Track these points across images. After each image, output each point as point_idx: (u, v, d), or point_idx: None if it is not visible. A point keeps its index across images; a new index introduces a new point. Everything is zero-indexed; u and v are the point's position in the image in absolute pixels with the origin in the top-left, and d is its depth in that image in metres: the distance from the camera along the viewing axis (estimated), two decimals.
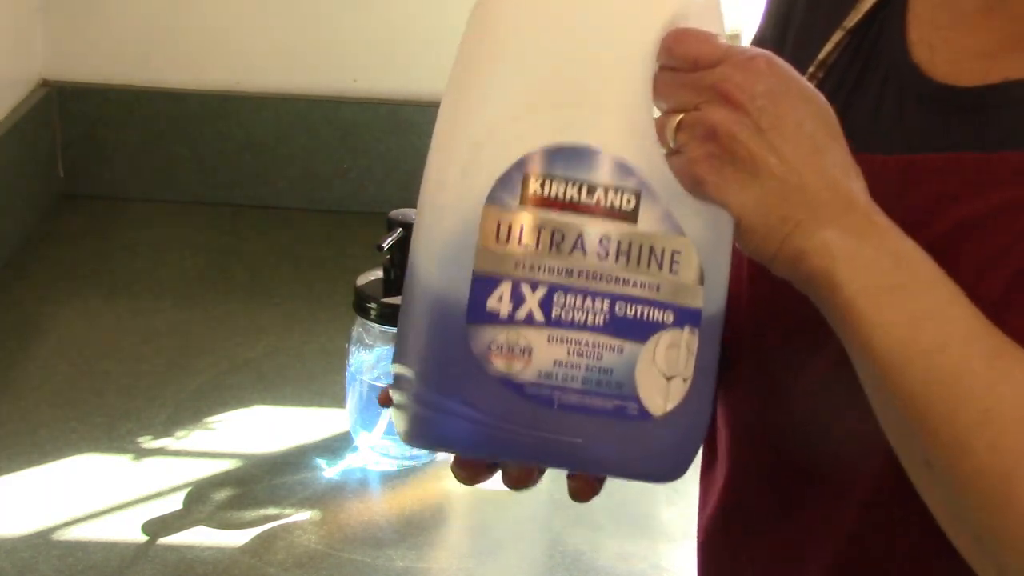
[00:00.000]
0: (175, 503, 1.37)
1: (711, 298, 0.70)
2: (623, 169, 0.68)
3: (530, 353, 0.68)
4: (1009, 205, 0.71)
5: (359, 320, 1.43)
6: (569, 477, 0.74)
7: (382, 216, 1.43)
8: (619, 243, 0.68)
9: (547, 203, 0.68)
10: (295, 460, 1.45)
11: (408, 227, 1.40)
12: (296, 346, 1.66)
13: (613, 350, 0.68)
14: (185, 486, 1.39)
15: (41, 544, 1.29)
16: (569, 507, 1.14)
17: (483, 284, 0.68)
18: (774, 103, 0.67)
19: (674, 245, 0.69)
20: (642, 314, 0.69)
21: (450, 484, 1.42)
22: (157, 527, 1.33)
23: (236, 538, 1.32)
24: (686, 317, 0.69)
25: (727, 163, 0.67)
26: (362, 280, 1.43)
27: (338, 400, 1.50)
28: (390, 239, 1.39)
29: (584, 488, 0.75)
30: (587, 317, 0.68)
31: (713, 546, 0.89)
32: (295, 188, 2.02)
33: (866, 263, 0.66)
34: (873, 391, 0.68)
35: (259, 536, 1.32)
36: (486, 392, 0.68)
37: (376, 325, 1.42)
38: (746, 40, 1.69)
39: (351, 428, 1.46)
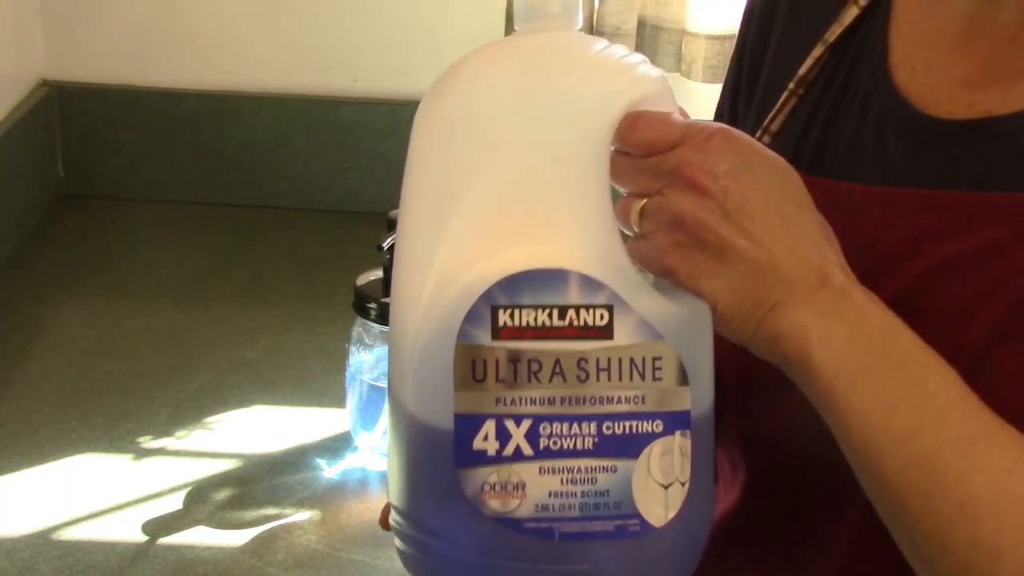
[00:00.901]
0: (175, 503, 1.37)
1: (698, 396, 0.68)
2: (591, 285, 0.66)
3: (524, 488, 0.66)
4: (994, 246, 0.70)
5: (359, 320, 1.43)
6: None
7: (382, 216, 1.43)
8: (598, 361, 0.66)
9: (519, 333, 0.66)
10: (295, 460, 1.45)
11: None
12: (296, 346, 1.66)
13: (606, 471, 0.66)
14: (185, 486, 1.39)
15: (41, 544, 1.29)
16: None
17: (467, 425, 0.66)
18: (737, 181, 0.65)
19: (654, 352, 0.66)
20: (631, 429, 0.66)
21: None
22: (157, 527, 1.33)
23: (236, 538, 1.32)
24: (676, 422, 0.67)
25: (696, 250, 0.66)
26: (362, 280, 1.43)
27: (338, 400, 1.50)
28: (390, 239, 1.39)
29: None
30: (576, 443, 0.66)
31: (708, 561, 0.89)
32: (295, 188, 2.02)
33: (842, 345, 0.65)
34: (857, 473, 0.67)
35: (259, 536, 1.32)
36: (484, 534, 0.66)
37: (376, 325, 1.42)
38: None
39: (351, 428, 1.46)
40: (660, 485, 0.67)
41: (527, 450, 0.66)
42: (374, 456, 1.45)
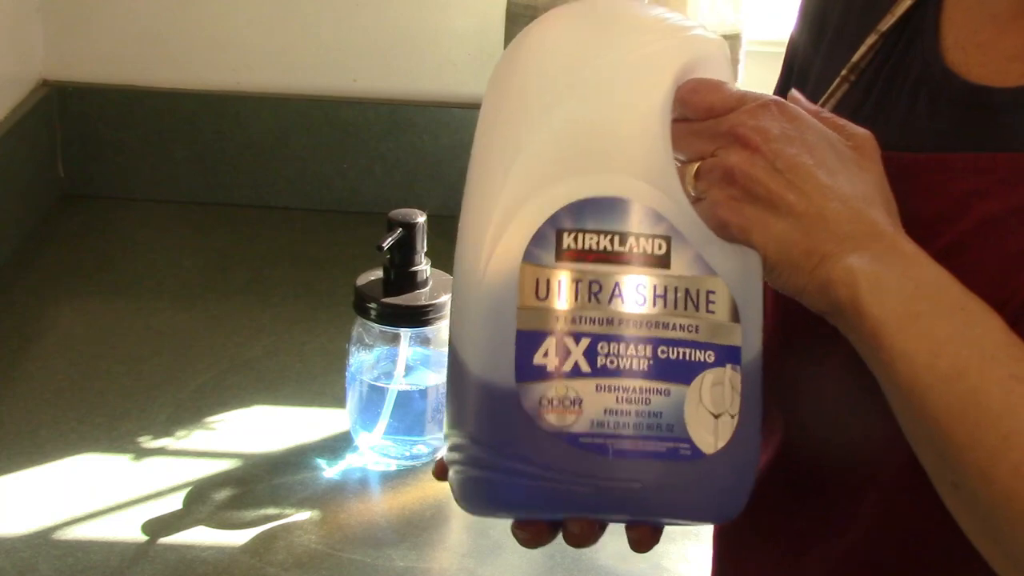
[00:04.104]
0: (175, 503, 1.37)
1: (748, 335, 0.71)
2: (652, 216, 0.70)
3: (580, 404, 0.69)
4: None
5: (359, 320, 1.43)
6: (628, 528, 0.74)
7: (382, 216, 1.43)
8: (655, 288, 0.69)
9: (582, 256, 0.69)
10: (295, 460, 1.45)
11: (408, 227, 1.40)
12: (296, 346, 1.66)
13: (660, 393, 0.69)
14: (185, 486, 1.39)
15: (41, 544, 1.29)
16: None
17: (528, 341, 0.69)
18: (788, 144, 0.68)
19: (708, 286, 0.70)
20: (684, 355, 0.69)
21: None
22: (157, 527, 1.33)
23: (236, 538, 1.32)
24: (727, 355, 0.70)
25: (747, 203, 0.69)
26: (362, 280, 1.43)
27: (338, 400, 1.50)
28: (390, 239, 1.39)
29: (644, 538, 0.74)
30: (632, 364, 0.69)
31: (728, 539, 0.90)
32: (295, 188, 2.02)
33: (890, 290, 0.67)
34: (900, 416, 0.68)
35: (259, 536, 1.32)
36: (541, 447, 0.69)
37: (376, 325, 1.42)
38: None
39: (351, 428, 1.46)
40: (711, 414, 0.70)
41: (585, 367, 0.69)
42: (374, 456, 1.45)
